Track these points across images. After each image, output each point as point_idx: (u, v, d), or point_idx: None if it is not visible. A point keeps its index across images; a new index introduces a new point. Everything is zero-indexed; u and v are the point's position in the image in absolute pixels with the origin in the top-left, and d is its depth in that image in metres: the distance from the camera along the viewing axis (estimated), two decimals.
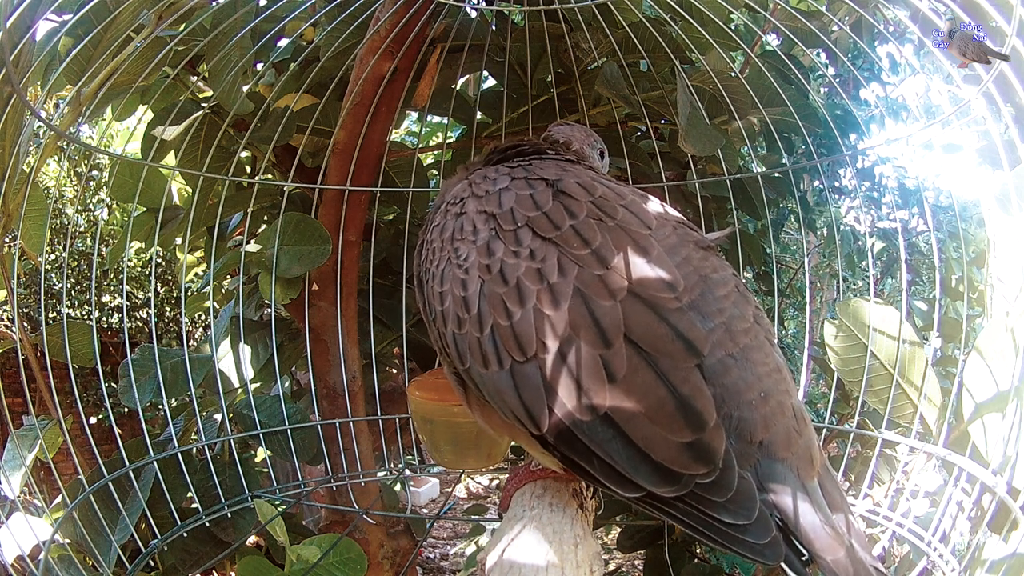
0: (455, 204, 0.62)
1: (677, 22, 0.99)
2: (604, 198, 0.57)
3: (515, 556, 0.52)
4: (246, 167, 1.21)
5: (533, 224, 0.55)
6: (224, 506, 0.90)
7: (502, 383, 0.52)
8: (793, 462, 0.49)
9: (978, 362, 0.75)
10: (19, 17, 0.59)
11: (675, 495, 0.47)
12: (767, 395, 0.51)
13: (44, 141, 0.84)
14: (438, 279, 0.58)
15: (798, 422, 0.52)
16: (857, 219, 2.40)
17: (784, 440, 0.50)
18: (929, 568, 0.72)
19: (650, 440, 0.47)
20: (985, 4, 0.61)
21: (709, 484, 0.46)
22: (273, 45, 1.10)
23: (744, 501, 0.47)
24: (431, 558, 3.20)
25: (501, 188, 0.59)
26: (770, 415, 0.50)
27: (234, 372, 1.08)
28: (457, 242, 0.58)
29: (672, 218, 0.60)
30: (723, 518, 0.46)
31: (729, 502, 0.46)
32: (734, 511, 0.46)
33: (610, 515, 1.31)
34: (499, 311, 0.52)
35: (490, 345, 0.52)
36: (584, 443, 0.48)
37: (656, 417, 0.47)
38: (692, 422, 0.47)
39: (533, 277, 0.52)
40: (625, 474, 0.47)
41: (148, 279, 3.45)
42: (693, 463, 0.46)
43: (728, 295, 0.54)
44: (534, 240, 0.54)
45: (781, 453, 0.49)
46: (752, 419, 0.49)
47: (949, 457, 0.76)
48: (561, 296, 0.51)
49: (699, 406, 0.47)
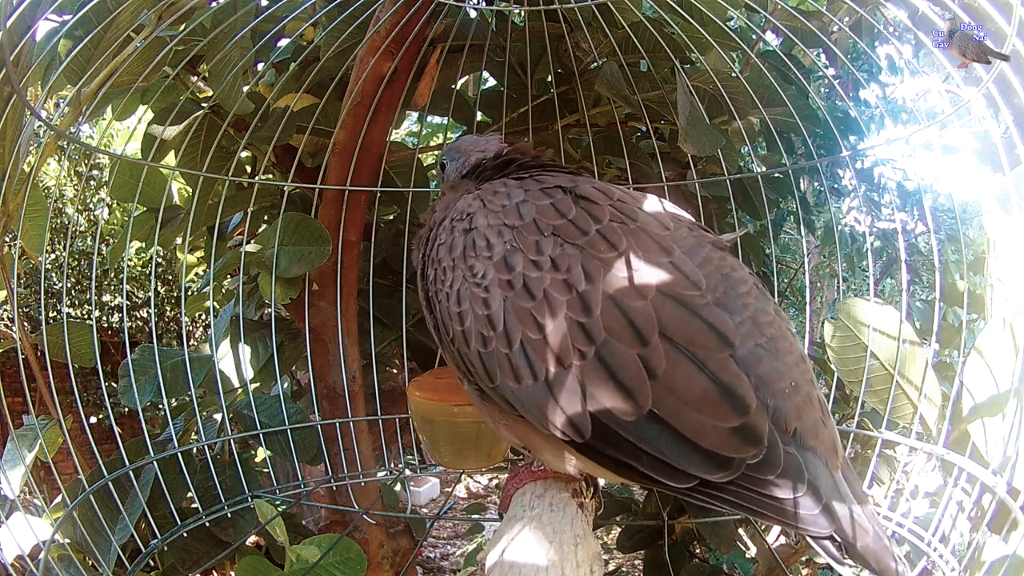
0: (462, 220, 0.62)
1: (677, 22, 0.99)
2: (623, 201, 0.58)
3: (515, 556, 0.52)
4: (246, 167, 1.21)
5: (560, 232, 0.56)
6: (224, 506, 0.90)
7: (539, 396, 0.52)
8: (822, 452, 0.51)
9: (978, 362, 0.75)
10: (19, 17, 0.59)
11: (728, 479, 0.48)
12: (797, 385, 0.52)
13: (44, 141, 0.84)
14: (454, 299, 0.58)
15: (823, 413, 0.53)
16: (857, 219, 2.40)
17: (813, 430, 0.51)
18: (929, 568, 0.72)
19: (698, 429, 0.48)
20: (985, 4, 0.61)
21: (758, 464, 0.48)
22: (273, 45, 1.10)
23: (794, 474, 0.48)
24: (431, 558, 3.20)
25: (518, 201, 0.60)
26: (801, 404, 0.51)
27: (234, 372, 1.08)
28: (471, 259, 0.58)
29: (686, 220, 0.61)
30: (776, 494, 0.48)
31: (779, 477, 0.48)
32: (785, 485, 0.48)
33: (610, 515, 1.31)
34: (528, 325, 0.53)
35: (521, 359, 0.53)
36: (631, 442, 0.49)
37: (702, 406, 0.49)
38: (737, 407, 0.48)
39: (560, 288, 0.53)
40: (677, 466, 0.49)
41: (148, 279, 3.45)
42: (743, 446, 0.48)
43: (749, 291, 0.55)
44: (556, 248, 0.55)
45: (811, 442, 0.51)
46: (786, 407, 0.50)
47: (949, 457, 0.76)
48: (592, 302, 0.52)
49: (741, 391, 0.49)
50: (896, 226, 1.73)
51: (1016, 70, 0.62)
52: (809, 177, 1.92)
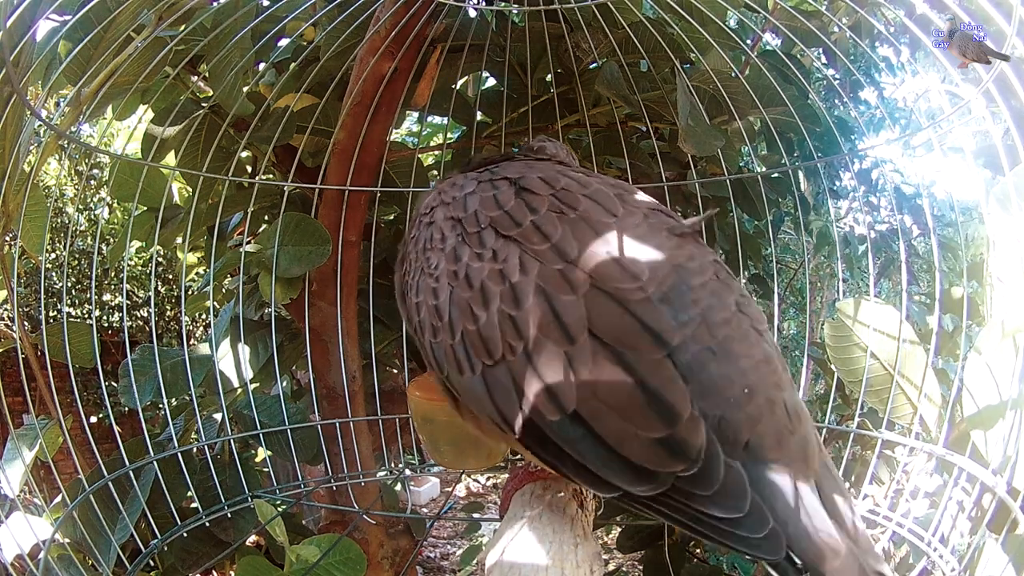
0: (426, 215, 0.62)
1: (677, 22, 0.99)
2: (567, 189, 0.56)
3: (515, 556, 0.52)
4: (246, 167, 1.21)
5: (496, 224, 0.54)
6: (224, 506, 0.90)
7: (476, 389, 0.51)
8: (785, 463, 0.45)
9: (978, 361, 0.75)
10: (19, 17, 0.59)
11: (652, 493, 0.44)
12: (752, 391, 0.47)
13: (44, 141, 0.84)
14: (414, 290, 0.58)
15: (791, 419, 0.47)
16: (856, 219, 2.40)
17: (774, 440, 0.46)
18: (929, 568, 0.72)
19: (620, 437, 0.45)
20: (985, 4, 0.61)
21: (692, 478, 0.44)
22: (273, 45, 1.10)
23: (734, 493, 0.44)
24: (431, 558, 3.20)
25: (467, 192, 0.59)
26: (756, 413, 0.46)
27: (234, 372, 1.08)
28: (428, 252, 0.58)
29: (644, 204, 0.57)
30: (712, 512, 0.44)
31: (717, 495, 0.44)
32: (723, 504, 0.43)
33: (610, 515, 1.31)
34: (467, 316, 0.51)
35: (462, 351, 0.52)
36: (556, 443, 0.47)
37: (626, 413, 0.45)
38: (664, 416, 0.44)
39: (496, 278, 0.51)
40: (599, 474, 0.45)
41: (148, 278, 3.45)
42: (668, 459, 0.44)
43: (705, 284, 0.51)
44: (496, 240, 0.53)
45: (771, 454, 0.45)
46: (735, 419, 0.45)
47: (949, 457, 0.76)
48: (523, 295, 0.49)
49: (671, 398, 0.44)
50: (896, 226, 1.73)
51: (1016, 70, 0.62)
52: (807, 177, 1.92)
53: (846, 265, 2.29)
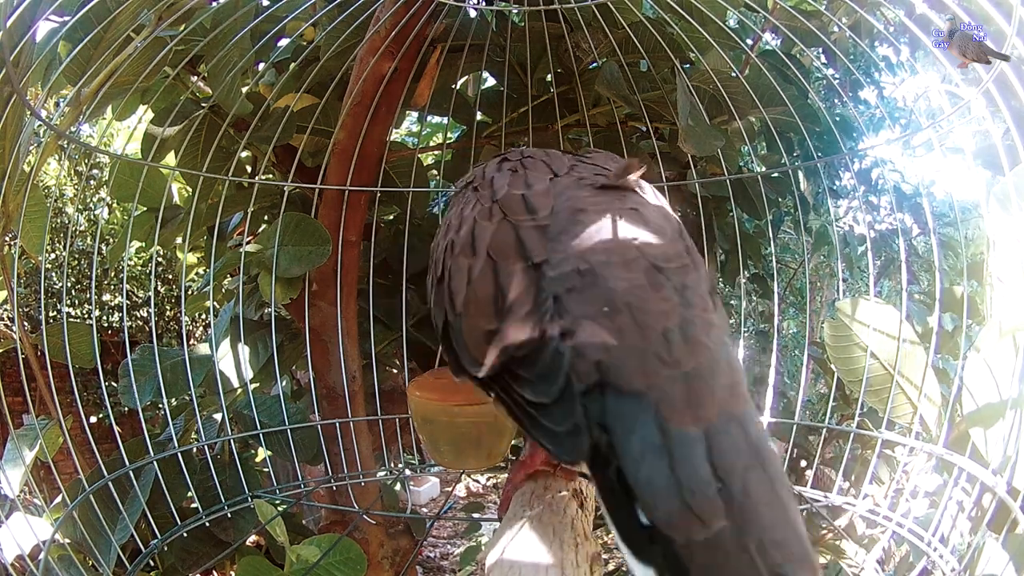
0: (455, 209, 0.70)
1: (677, 22, 0.99)
2: (532, 157, 0.65)
3: (515, 556, 0.52)
4: (246, 167, 1.21)
5: (475, 183, 0.65)
6: (224, 506, 0.90)
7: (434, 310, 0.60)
8: (653, 397, 0.39)
9: (978, 361, 0.75)
10: (19, 17, 0.59)
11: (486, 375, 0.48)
12: (616, 310, 0.43)
13: (44, 141, 0.84)
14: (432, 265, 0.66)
15: (672, 351, 0.41)
16: (855, 219, 2.40)
17: (638, 366, 0.41)
18: (929, 568, 0.72)
19: (470, 328, 0.51)
20: (985, 4, 0.61)
21: (522, 359, 0.45)
22: (273, 45, 1.10)
23: (547, 375, 0.42)
24: (431, 557, 3.20)
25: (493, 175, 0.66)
26: (616, 331, 0.42)
27: (234, 372, 1.08)
28: None
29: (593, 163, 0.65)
30: (524, 394, 0.44)
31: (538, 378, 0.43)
32: (536, 386, 0.43)
33: None
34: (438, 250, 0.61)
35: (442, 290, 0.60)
36: (450, 339, 0.54)
37: (478, 308, 0.51)
38: (499, 310, 0.49)
39: (457, 217, 0.61)
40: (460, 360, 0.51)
41: (148, 278, 3.45)
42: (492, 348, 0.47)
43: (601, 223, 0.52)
44: (471, 194, 0.63)
45: (633, 383, 0.40)
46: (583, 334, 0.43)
47: (949, 457, 0.76)
48: (464, 225, 0.59)
49: (512, 297, 0.49)
50: (896, 225, 1.73)
51: (1016, 70, 0.62)
52: (808, 177, 1.93)
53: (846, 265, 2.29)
